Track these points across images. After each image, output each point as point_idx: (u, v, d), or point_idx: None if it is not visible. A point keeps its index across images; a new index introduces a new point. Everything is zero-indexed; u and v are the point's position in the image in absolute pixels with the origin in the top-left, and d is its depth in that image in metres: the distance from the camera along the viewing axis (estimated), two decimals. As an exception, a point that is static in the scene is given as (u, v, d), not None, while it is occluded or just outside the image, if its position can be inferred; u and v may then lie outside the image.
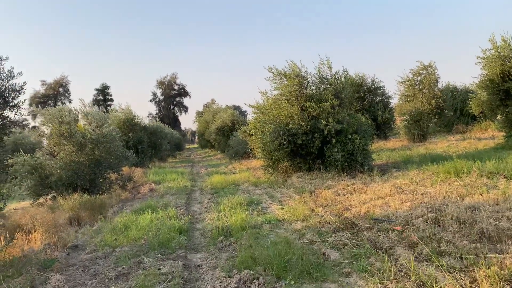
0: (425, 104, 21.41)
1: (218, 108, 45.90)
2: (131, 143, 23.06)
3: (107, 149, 12.56)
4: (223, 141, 31.68)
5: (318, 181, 11.56)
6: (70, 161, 11.69)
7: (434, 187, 8.69)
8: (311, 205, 8.73)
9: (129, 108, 24.64)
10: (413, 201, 7.50)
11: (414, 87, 22.14)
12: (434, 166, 11.03)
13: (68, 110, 12.50)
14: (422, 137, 21.74)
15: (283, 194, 10.87)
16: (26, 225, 7.66)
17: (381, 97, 25.88)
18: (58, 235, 7.69)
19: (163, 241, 6.68)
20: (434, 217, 6.03)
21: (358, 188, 9.79)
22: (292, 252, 5.32)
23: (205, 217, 8.95)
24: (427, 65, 21.57)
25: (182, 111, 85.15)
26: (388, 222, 6.32)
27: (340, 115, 12.49)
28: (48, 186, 11.45)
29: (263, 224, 7.59)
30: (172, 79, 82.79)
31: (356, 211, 7.41)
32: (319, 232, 6.51)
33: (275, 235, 6.63)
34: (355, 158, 12.05)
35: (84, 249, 7.04)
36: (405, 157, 15.19)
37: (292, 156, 13.08)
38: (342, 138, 12.24)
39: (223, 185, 13.68)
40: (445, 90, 23.98)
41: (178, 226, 7.60)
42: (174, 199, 11.58)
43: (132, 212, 9.63)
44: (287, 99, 13.13)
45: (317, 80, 13.36)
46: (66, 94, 72.63)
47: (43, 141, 13.02)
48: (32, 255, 6.33)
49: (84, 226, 9.03)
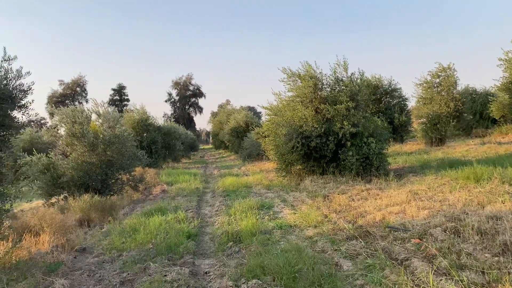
0: (444, 107, 20.88)
1: (232, 109, 45.79)
2: (145, 144, 23.09)
3: (119, 149, 12.49)
4: (237, 142, 31.53)
5: (332, 185, 11.28)
6: (82, 161, 11.66)
7: (452, 193, 8.34)
8: (324, 210, 8.48)
9: (144, 108, 24.72)
10: (430, 208, 7.18)
11: (432, 89, 21.61)
12: (453, 172, 10.65)
13: (81, 110, 12.49)
14: (440, 140, 21.23)
15: (296, 198, 10.63)
16: (35, 226, 7.60)
17: (398, 100, 25.37)
18: (67, 237, 7.61)
19: (171, 245, 6.53)
20: (453, 226, 5.73)
21: (373, 193, 9.50)
22: (303, 261, 5.10)
23: (215, 221, 8.78)
24: (446, 67, 21.05)
25: (197, 112, 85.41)
26: (404, 231, 6.05)
27: (356, 117, 12.19)
28: (60, 186, 11.43)
29: (274, 229, 7.38)
30: (188, 79, 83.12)
31: (371, 218, 7.13)
32: (332, 240, 6.26)
33: (286, 242, 6.41)
34: (371, 162, 11.73)
35: (92, 252, 6.93)
36: (422, 161, 14.79)
37: (306, 159, 12.83)
38: (357, 142, 11.94)
39: (235, 187, 13.51)
40: (464, 93, 23.39)
41: (187, 230, 7.45)
42: (185, 201, 11.45)
43: (142, 214, 9.51)
44: (301, 101, 12.89)
45: (332, 82, 13.08)
46: (83, 94, 73.45)
47: (56, 141, 13.03)
48: (38, 258, 6.24)
49: (94, 228, 8.96)
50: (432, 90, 21.58)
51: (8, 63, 5.78)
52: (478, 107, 26.86)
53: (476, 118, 26.43)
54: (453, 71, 20.90)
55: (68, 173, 11.45)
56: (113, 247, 6.89)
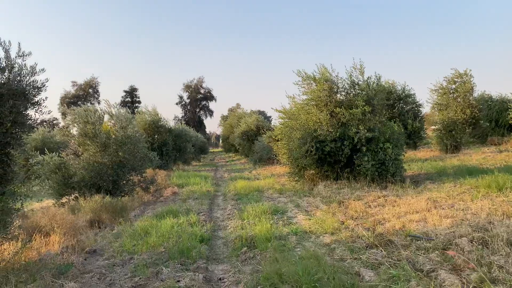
0: (459, 113, 20.45)
1: (243, 112, 45.63)
2: (156, 145, 23.03)
3: (131, 150, 12.38)
4: (247, 146, 31.35)
5: (347, 191, 11.01)
6: (94, 161, 11.56)
7: (474, 202, 8.03)
8: (340, 216, 8.22)
9: (155, 110, 24.68)
10: (453, 217, 6.89)
11: (448, 95, 21.19)
12: (472, 180, 10.33)
13: (94, 110, 12.41)
14: (455, 148, 20.79)
15: (310, 203, 10.39)
16: (45, 226, 7.46)
17: (412, 105, 25.01)
18: (77, 238, 7.47)
19: (184, 249, 6.33)
20: (480, 237, 5.45)
21: (390, 200, 9.21)
22: (323, 270, 4.87)
23: (227, 225, 8.58)
24: (462, 73, 20.63)
25: (207, 115, 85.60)
26: (427, 240, 5.77)
27: (372, 122, 11.91)
28: (71, 186, 11.33)
29: (289, 235, 7.15)
30: (199, 82, 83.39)
31: (390, 226, 6.86)
32: (351, 248, 6.01)
33: (303, 249, 6.18)
34: (387, 168, 11.44)
35: (102, 254, 6.77)
36: (438, 168, 14.44)
37: (320, 163, 12.57)
38: (373, 147, 11.66)
39: (246, 191, 13.29)
40: (480, 100, 22.94)
41: (200, 234, 7.24)
42: (197, 204, 11.26)
43: (153, 216, 9.35)
44: (316, 104, 12.65)
45: (347, 85, 12.83)
46: (95, 96, 74.07)
47: (68, 141, 12.96)
48: (48, 259, 6.09)
49: (104, 229, 8.80)
50: (448, 96, 21.16)
51: (23, 59, 5.66)
52: (494, 115, 26.36)
53: (492, 125, 25.93)
54: (469, 77, 20.48)
55: (79, 173, 11.35)
56: (124, 250, 6.72)
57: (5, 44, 5.41)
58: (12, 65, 5.45)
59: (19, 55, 5.66)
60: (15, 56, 5.58)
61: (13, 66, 5.50)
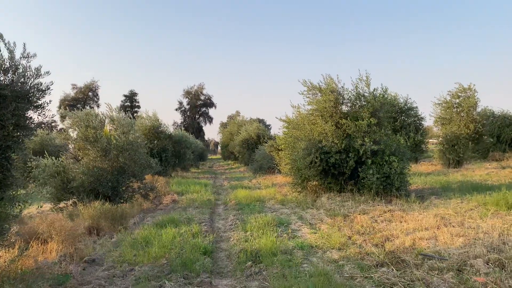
0: (463, 128, 20.33)
1: (243, 120, 45.55)
2: (155, 151, 22.76)
3: (132, 156, 12.15)
4: (247, 154, 31.16)
5: (351, 204, 10.81)
6: (94, 166, 11.32)
7: (484, 220, 7.85)
8: (347, 231, 8.01)
9: (156, 115, 24.44)
10: (465, 236, 6.69)
11: (451, 109, 21.10)
12: (480, 196, 10.16)
13: (95, 114, 12.20)
14: (458, 162, 20.65)
15: (313, 215, 10.17)
16: (43, 233, 7.22)
17: (414, 118, 24.95)
18: (76, 246, 7.23)
19: (187, 262, 6.10)
20: (496, 258, 5.25)
21: (397, 215, 9.01)
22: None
23: (230, 236, 8.35)
24: (466, 87, 20.56)
25: (207, 121, 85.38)
26: (440, 260, 5.57)
27: (377, 135, 11.74)
28: (70, 191, 11.09)
29: (294, 249, 6.93)
30: (199, 89, 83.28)
31: (400, 243, 6.66)
32: (360, 266, 5.80)
33: (310, 265, 5.96)
34: (392, 181, 11.24)
35: (102, 264, 6.53)
36: (442, 183, 14.28)
37: (323, 175, 12.37)
38: (378, 160, 11.48)
39: (248, 200, 13.06)
40: (483, 115, 22.87)
41: (203, 246, 7.01)
42: (198, 213, 11.04)
43: (153, 225, 9.12)
44: (321, 115, 12.49)
45: (353, 97, 12.68)
46: (95, 99, 73.74)
47: (68, 144, 12.73)
48: (45, 268, 5.85)
49: (103, 237, 8.56)
50: (452, 110, 21.08)
51: (27, 61, 5.46)
52: (495, 130, 26.28)
53: (494, 141, 25.84)
54: (473, 92, 20.41)
55: (79, 178, 11.11)
56: (125, 260, 6.48)
57: (9, 45, 5.22)
58: (16, 67, 5.25)
59: (24, 56, 5.45)
60: (20, 57, 5.38)
61: (18, 67, 5.31)
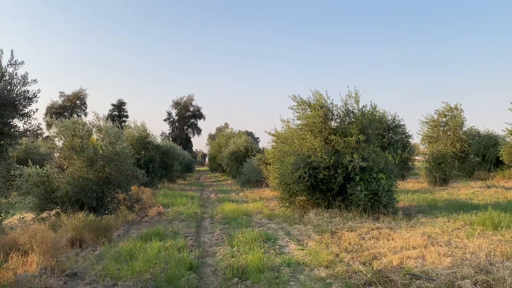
0: (449, 146, 20.58)
1: (232, 132, 45.46)
2: (142, 162, 22.54)
3: (118, 167, 11.97)
4: (235, 166, 31.05)
5: (339, 221, 10.77)
6: (79, 176, 11.12)
7: (471, 240, 7.87)
8: (334, 248, 7.94)
9: (144, 126, 24.26)
10: (452, 256, 6.69)
11: (438, 128, 21.39)
12: (466, 215, 10.22)
13: (83, 123, 12.04)
14: (444, 181, 20.83)
15: (301, 231, 10.09)
16: (24, 244, 7.01)
17: (401, 136, 25.17)
18: (57, 258, 7.03)
19: (171, 277, 5.98)
20: (484, 280, 5.24)
21: (384, 233, 8.98)
22: (321, 309, 4.58)
23: (216, 251, 8.22)
24: (453, 106, 20.89)
25: (195, 133, 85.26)
26: (428, 280, 5.54)
27: (366, 151, 11.78)
28: (53, 201, 10.85)
29: (281, 266, 6.83)
30: (189, 100, 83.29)
31: (387, 262, 6.62)
32: (348, 284, 5.73)
33: (297, 283, 5.88)
34: (379, 198, 11.26)
35: (84, 278, 6.35)
36: (429, 201, 14.36)
37: (311, 190, 12.34)
38: (366, 176, 11.50)
39: (235, 214, 12.94)
40: (469, 134, 23.23)
41: (189, 261, 6.88)
42: (184, 227, 10.88)
43: (138, 237, 8.94)
44: (310, 130, 12.50)
45: (342, 113, 12.74)
46: (82, 107, 73.05)
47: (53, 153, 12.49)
48: (25, 282, 5.67)
49: (86, 249, 8.36)
50: (439, 129, 21.35)
51: (14, 68, 5.37)
52: (481, 150, 26.70)
53: (479, 160, 26.21)
54: (460, 111, 20.74)
55: (63, 187, 10.88)
56: (107, 274, 6.32)
57: (-4, 51, 5.12)
58: (2, 74, 5.16)
59: (11, 64, 5.36)
60: (7, 64, 5.29)
61: (4, 74, 5.21)
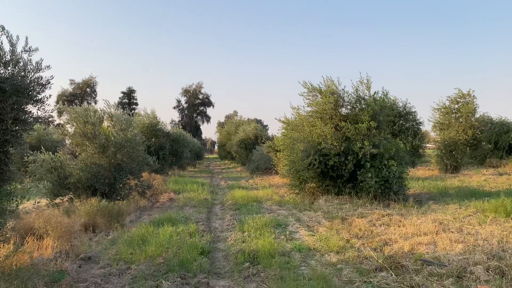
0: (461, 134, 20.35)
1: (241, 120, 45.38)
2: (153, 149, 22.67)
3: (130, 153, 12.08)
4: (245, 154, 31.10)
5: (349, 207, 10.78)
6: (91, 163, 11.25)
7: (483, 227, 7.84)
8: (345, 234, 7.97)
9: (154, 113, 24.34)
10: (464, 242, 6.67)
11: (450, 115, 21.12)
12: (478, 202, 10.15)
13: (94, 110, 12.11)
14: (455, 168, 20.67)
15: (311, 218, 10.12)
16: (39, 229, 7.15)
17: (412, 123, 24.93)
18: (71, 243, 7.16)
19: (184, 262, 6.05)
20: (496, 266, 5.22)
21: (395, 219, 8.98)
22: (333, 293, 4.62)
23: (227, 236, 8.29)
24: (465, 93, 20.59)
25: (204, 120, 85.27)
26: (440, 266, 5.54)
27: (377, 138, 11.72)
28: (66, 187, 11.00)
29: (292, 251, 6.89)
30: (198, 88, 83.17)
31: (398, 248, 6.63)
32: (359, 269, 5.76)
33: (308, 268, 5.92)
34: (390, 185, 11.22)
35: (97, 261, 6.46)
36: (440, 188, 14.27)
37: (322, 177, 12.34)
38: (377, 163, 11.45)
39: (245, 201, 13.00)
40: (481, 121, 22.91)
41: (200, 245, 6.95)
42: (195, 212, 10.98)
43: (150, 223, 9.05)
44: (321, 117, 12.45)
45: (353, 100, 12.65)
46: (92, 95, 73.52)
47: (65, 140, 12.63)
48: (41, 265, 5.79)
49: (99, 234, 8.49)
50: (450, 116, 21.09)
51: (28, 54, 5.40)
52: (493, 137, 26.34)
53: (491, 147, 25.89)
54: (472, 98, 20.44)
55: (76, 173, 11.03)
56: (121, 258, 6.42)
57: (11, 38, 5.15)
58: (17, 60, 5.19)
59: (25, 50, 5.39)
60: (21, 51, 5.32)
61: (18, 61, 5.24)
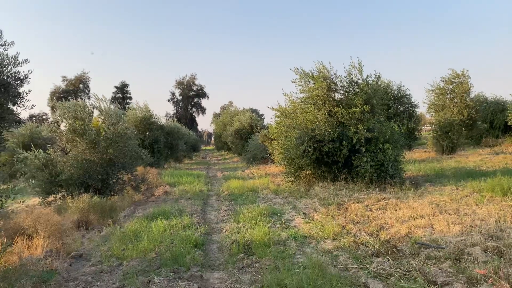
0: (456, 114, 20.25)
1: (236, 110, 45.12)
2: (147, 142, 22.51)
3: (121, 148, 11.90)
4: (241, 144, 30.97)
5: (345, 193, 10.68)
6: (82, 159, 11.07)
7: (480, 207, 7.74)
8: (341, 220, 7.86)
9: (147, 106, 24.11)
10: (461, 223, 6.57)
11: (445, 96, 21.00)
12: (475, 183, 10.05)
13: (83, 105, 11.91)
14: (451, 149, 20.59)
15: (307, 205, 10.02)
16: (28, 228, 6.99)
17: (407, 106, 24.85)
18: (63, 241, 7.02)
19: (177, 255, 5.92)
20: (494, 246, 5.12)
21: (391, 203, 8.88)
22: (328, 281, 4.51)
23: (222, 228, 8.18)
24: (459, 73, 20.43)
25: (199, 112, 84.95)
26: (437, 249, 5.43)
27: (371, 122, 11.58)
28: (58, 184, 10.83)
29: (287, 240, 6.77)
30: (191, 79, 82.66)
31: (395, 232, 6.52)
32: (355, 256, 5.65)
33: (304, 256, 5.81)
34: (386, 169, 11.12)
35: (89, 259, 6.34)
36: (436, 170, 14.17)
37: (317, 164, 12.22)
38: (372, 147, 11.33)
39: (241, 191, 12.88)
40: (476, 101, 22.81)
41: (194, 238, 6.83)
42: (189, 205, 10.85)
43: (144, 217, 8.91)
44: (314, 103, 12.29)
45: (346, 84, 12.48)
46: (85, 91, 72.96)
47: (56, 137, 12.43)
48: (30, 265, 5.64)
49: (92, 231, 8.36)
50: (445, 97, 20.97)
51: (4, 48, 5.20)
52: (489, 116, 26.27)
53: (487, 127, 25.84)
54: (467, 78, 20.30)
55: (67, 170, 10.85)
56: (113, 255, 6.29)
57: (-16, 32, 4.95)
58: (-9, 55, 4.99)
59: (1, 44, 5.20)
60: (-4, 45, 5.12)
61: (-7, 55, 5.05)
